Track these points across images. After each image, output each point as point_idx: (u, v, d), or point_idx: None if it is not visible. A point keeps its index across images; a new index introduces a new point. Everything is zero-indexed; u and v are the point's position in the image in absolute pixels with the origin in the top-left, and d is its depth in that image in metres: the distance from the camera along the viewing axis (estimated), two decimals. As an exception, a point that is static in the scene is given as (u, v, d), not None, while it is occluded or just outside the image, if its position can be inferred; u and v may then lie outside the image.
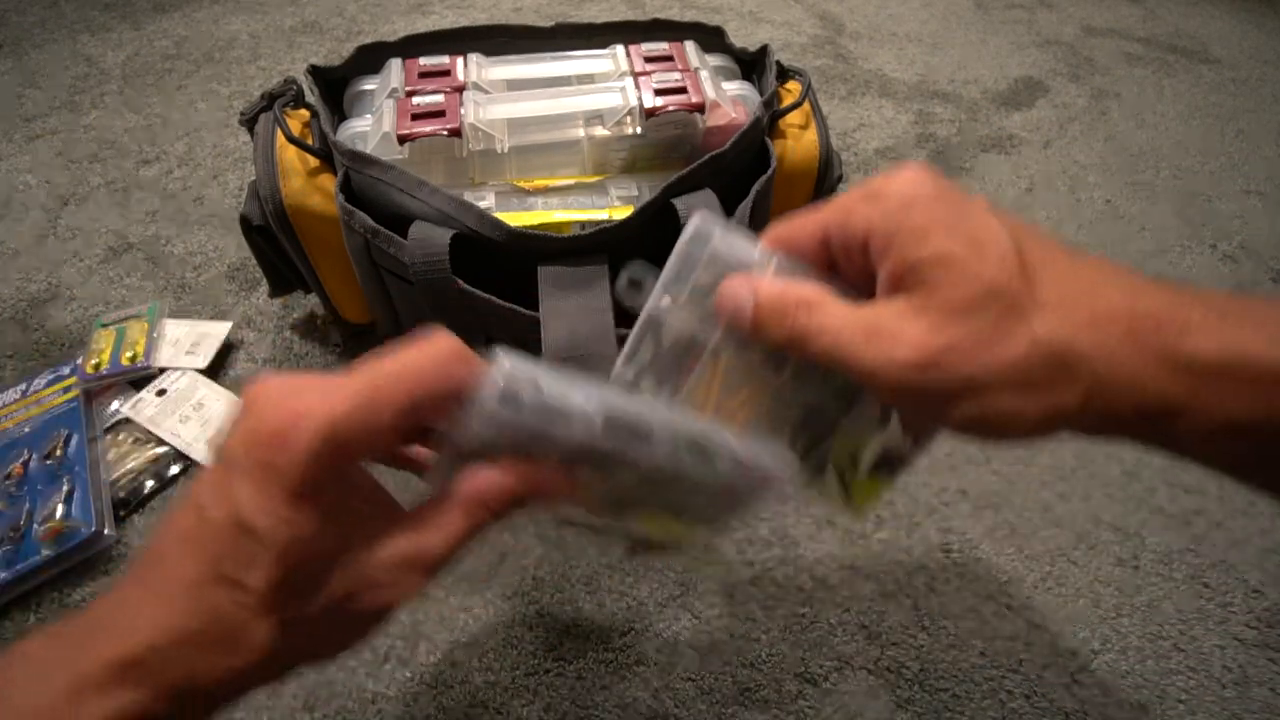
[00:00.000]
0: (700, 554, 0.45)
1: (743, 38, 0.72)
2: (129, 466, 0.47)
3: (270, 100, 0.47)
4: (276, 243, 0.48)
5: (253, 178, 0.46)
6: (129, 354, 0.53)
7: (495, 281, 0.40)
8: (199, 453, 0.48)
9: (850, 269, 0.23)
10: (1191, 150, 0.82)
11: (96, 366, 0.52)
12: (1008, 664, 0.42)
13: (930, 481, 0.50)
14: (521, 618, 0.43)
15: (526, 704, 0.39)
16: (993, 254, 0.19)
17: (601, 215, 0.44)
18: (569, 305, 0.38)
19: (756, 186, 0.43)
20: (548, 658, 0.41)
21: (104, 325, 0.55)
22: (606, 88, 0.48)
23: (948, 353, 0.19)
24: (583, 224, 0.44)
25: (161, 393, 0.51)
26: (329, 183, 0.45)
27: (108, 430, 0.49)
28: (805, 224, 0.23)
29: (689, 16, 0.63)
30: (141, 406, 0.50)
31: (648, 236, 0.41)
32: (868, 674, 0.41)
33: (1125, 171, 0.79)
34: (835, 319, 0.21)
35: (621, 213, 0.44)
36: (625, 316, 0.39)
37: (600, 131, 0.46)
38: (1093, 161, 0.80)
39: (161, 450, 0.48)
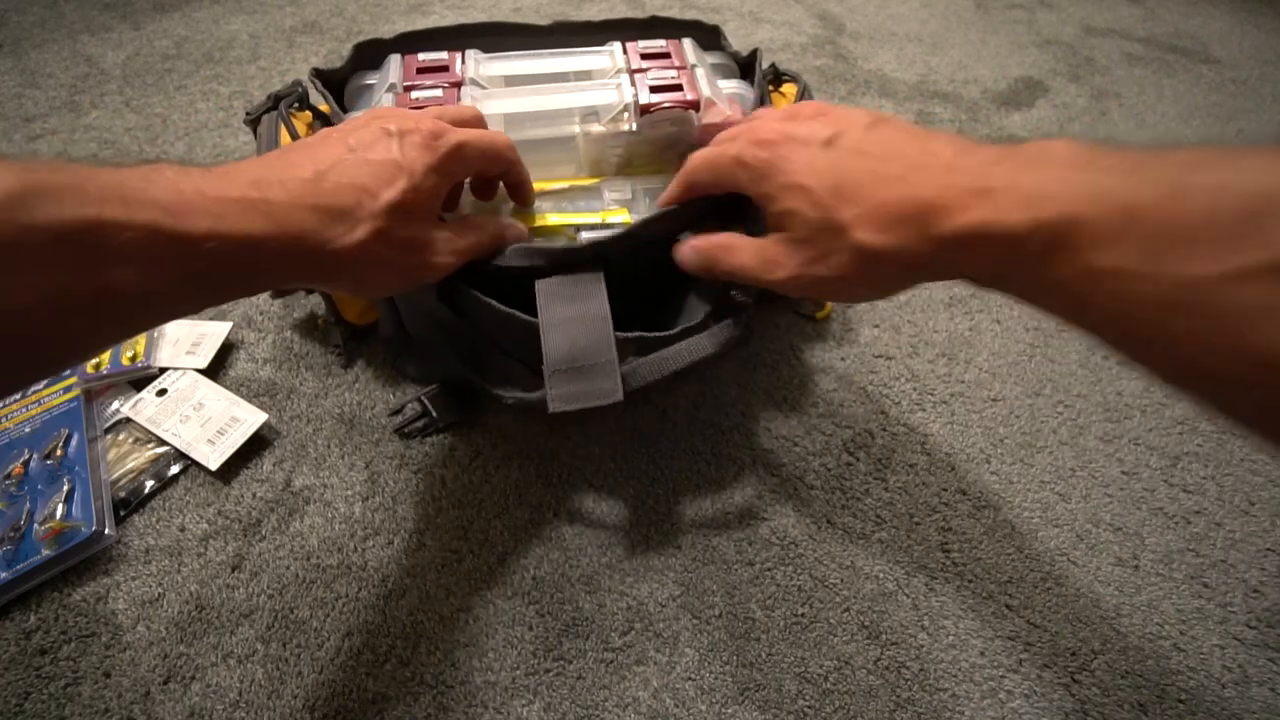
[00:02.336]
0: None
1: (743, 38, 0.72)
2: (129, 466, 0.47)
3: (276, 101, 0.47)
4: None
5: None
6: (129, 354, 0.53)
7: (496, 293, 0.40)
8: (200, 453, 0.48)
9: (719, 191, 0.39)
10: (1191, 150, 0.82)
11: (97, 366, 0.52)
12: (1008, 664, 0.42)
13: (930, 481, 0.50)
14: (521, 618, 0.43)
15: (526, 704, 0.39)
16: (817, 200, 0.30)
17: (595, 219, 0.44)
18: (567, 316, 0.39)
19: None
20: (548, 658, 0.41)
21: None
22: (603, 84, 0.49)
23: (804, 268, 0.32)
24: (578, 227, 0.44)
25: (162, 392, 0.51)
26: None
27: (108, 430, 0.49)
28: (686, 188, 0.40)
29: (688, 16, 0.63)
30: (142, 406, 0.50)
31: (641, 253, 0.41)
32: (868, 674, 0.41)
33: (1125, 171, 0.78)
34: (744, 255, 0.35)
35: (615, 215, 0.45)
36: (622, 324, 0.39)
37: (596, 128, 0.47)
38: (1093, 161, 0.79)
39: (161, 450, 0.48)
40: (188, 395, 0.51)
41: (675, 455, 0.50)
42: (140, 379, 0.52)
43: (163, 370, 0.53)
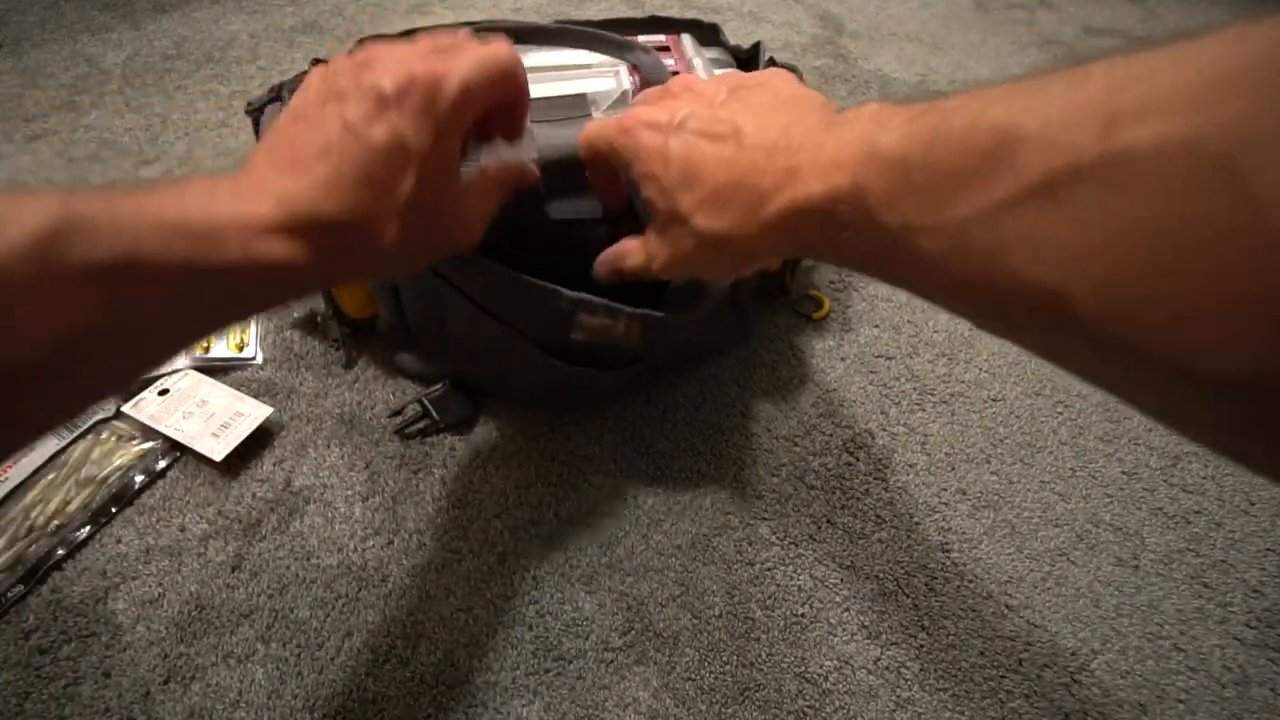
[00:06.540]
0: None
1: (743, 37, 0.72)
2: (116, 464, 0.47)
3: (279, 92, 0.47)
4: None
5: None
6: (236, 341, 0.55)
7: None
8: (204, 445, 0.48)
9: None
10: (1191, 150, 0.82)
11: (206, 348, 0.54)
12: (1008, 664, 0.42)
13: (930, 481, 0.50)
14: (521, 618, 0.43)
15: (526, 704, 0.39)
16: (664, 188, 0.31)
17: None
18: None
19: None
20: (548, 658, 0.41)
21: None
22: (600, 73, 0.49)
23: (670, 254, 0.33)
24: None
25: (164, 392, 0.51)
26: None
27: (85, 432, 0.49)
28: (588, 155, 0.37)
29: (688, 15, 0.63)
30: (143, 406, 0.50)
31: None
32: (868, 674, 0.41)
33: (1125, 171, 0.78)
34: (635, 256, 0.35)
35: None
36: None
37: (595, 115, 0.47)
38: (1093, 161, 0.80)
39: (148, 445, 0.48)
40: (190, 394, 0.51)
41: (675, 455, 0.50)
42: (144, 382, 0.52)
43: (163, 374, 0.53)
